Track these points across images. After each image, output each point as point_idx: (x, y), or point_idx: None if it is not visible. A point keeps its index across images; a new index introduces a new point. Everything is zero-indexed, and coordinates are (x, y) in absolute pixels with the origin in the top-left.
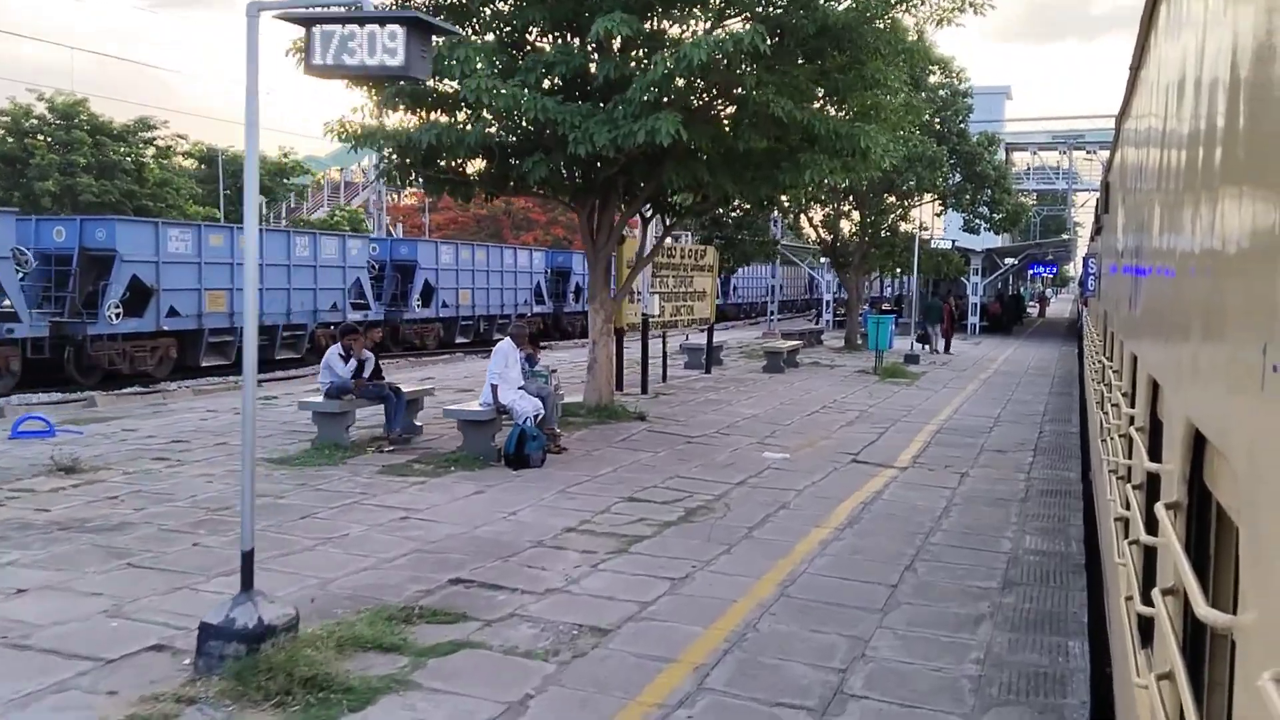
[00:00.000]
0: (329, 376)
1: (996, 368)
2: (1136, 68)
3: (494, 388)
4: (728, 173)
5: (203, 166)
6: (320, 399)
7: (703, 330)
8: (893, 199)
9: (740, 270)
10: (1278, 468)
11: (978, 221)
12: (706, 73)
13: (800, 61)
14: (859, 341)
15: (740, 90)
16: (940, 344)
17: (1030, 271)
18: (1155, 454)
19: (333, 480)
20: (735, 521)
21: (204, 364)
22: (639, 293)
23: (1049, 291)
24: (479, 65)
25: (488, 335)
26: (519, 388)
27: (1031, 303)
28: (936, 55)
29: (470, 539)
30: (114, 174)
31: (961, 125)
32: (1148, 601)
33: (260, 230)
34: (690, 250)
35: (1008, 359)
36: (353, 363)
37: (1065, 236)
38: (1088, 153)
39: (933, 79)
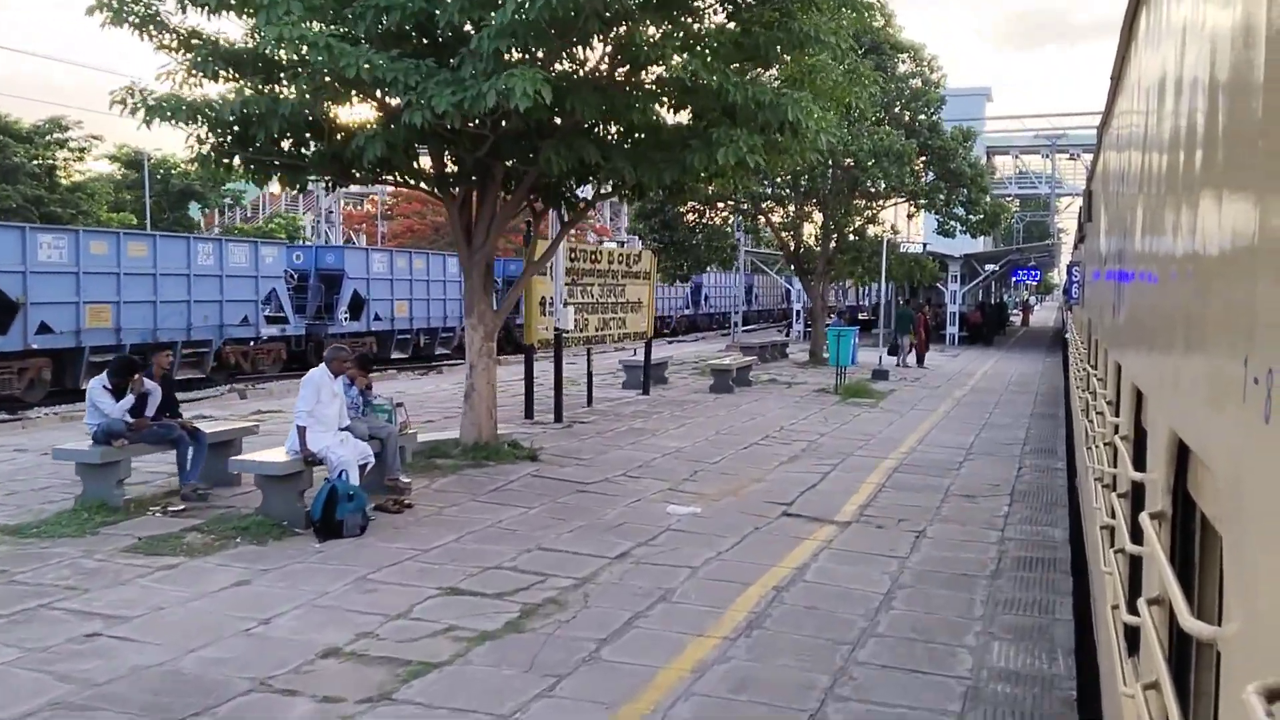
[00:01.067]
0: (95, 418)
1: (974, 384)
2: (1118, 77)
3: (300, 431)
4: (626, 153)
5: (131, 172)
6: (88, 445)
7: (649, 346)
8: (859, 199)
9: (711, 278)
10: (1259, 479)
11: (952, 224)
12: (580, 16)
13: (714, 15)
14: (825, 355)
15: (636, 47)
16: (911, 357)
17: (1013, 278)
18: (1140, 463)
19: (51, 562)
20: (584, 629)
21: (85, 386)
22: (552, 303)
23: (1033, 299)
24: (292, 14)
25: (428, 350)
26: (342, 429)
27: (1015, 311)
28: (906, 41)
29: (163, 676)
30: (17, 178)
31: (934, 118)
32: (1134, 610)
33: (155, 237)
34: (621, 255)
35: (987, 373)
36: (128, 398)
37: (1049, 241)
38: (1071, 155)
39: (902, 68)
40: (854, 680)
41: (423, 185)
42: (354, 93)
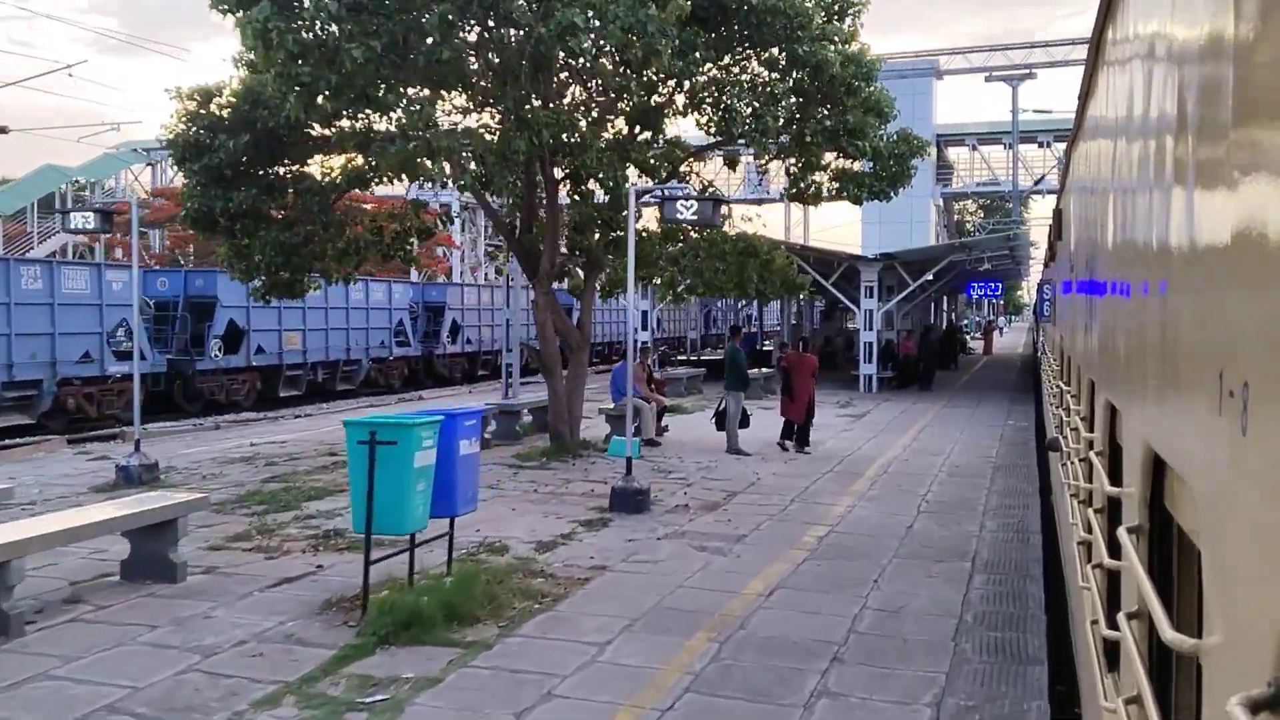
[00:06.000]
0: None
1: (841, 516)
2: (1085, 96)
3: None
4: None
5: None
6: None
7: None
8: (595, 108)
9: (605, 298)
10: (1236, 491)
11: (814, 178)
12: None
13: None
14: (579, 435)
15: None
16: (737, 440)
17: (966, 294)
18: (1116, 478)
19: None
20: None
21: None
22: None
23: (1001, 320)
24: None
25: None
26: None
27: (975, 335)
28: None
29: None
30: None
31: None
32: (1113, 625)
33: None
34: None
35: (891, 467)
36: None
37: (1010, 232)
38: (1040, 144)
39: None
40: None
41: None
42: None
